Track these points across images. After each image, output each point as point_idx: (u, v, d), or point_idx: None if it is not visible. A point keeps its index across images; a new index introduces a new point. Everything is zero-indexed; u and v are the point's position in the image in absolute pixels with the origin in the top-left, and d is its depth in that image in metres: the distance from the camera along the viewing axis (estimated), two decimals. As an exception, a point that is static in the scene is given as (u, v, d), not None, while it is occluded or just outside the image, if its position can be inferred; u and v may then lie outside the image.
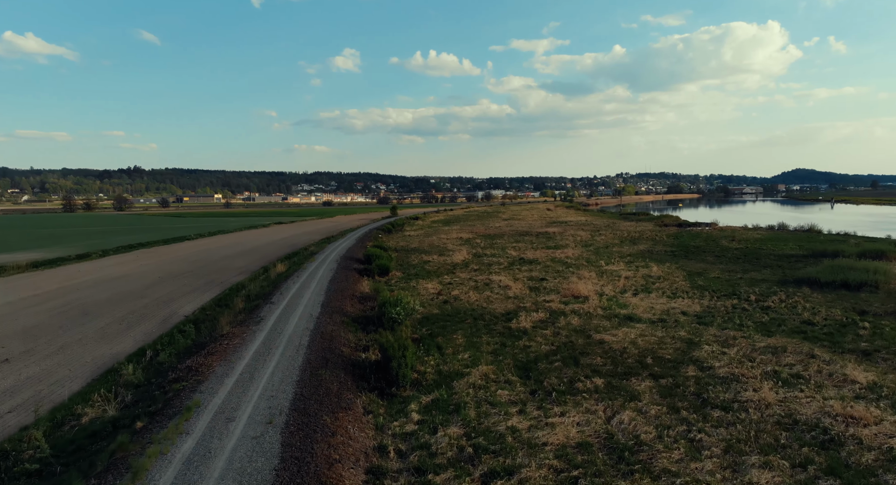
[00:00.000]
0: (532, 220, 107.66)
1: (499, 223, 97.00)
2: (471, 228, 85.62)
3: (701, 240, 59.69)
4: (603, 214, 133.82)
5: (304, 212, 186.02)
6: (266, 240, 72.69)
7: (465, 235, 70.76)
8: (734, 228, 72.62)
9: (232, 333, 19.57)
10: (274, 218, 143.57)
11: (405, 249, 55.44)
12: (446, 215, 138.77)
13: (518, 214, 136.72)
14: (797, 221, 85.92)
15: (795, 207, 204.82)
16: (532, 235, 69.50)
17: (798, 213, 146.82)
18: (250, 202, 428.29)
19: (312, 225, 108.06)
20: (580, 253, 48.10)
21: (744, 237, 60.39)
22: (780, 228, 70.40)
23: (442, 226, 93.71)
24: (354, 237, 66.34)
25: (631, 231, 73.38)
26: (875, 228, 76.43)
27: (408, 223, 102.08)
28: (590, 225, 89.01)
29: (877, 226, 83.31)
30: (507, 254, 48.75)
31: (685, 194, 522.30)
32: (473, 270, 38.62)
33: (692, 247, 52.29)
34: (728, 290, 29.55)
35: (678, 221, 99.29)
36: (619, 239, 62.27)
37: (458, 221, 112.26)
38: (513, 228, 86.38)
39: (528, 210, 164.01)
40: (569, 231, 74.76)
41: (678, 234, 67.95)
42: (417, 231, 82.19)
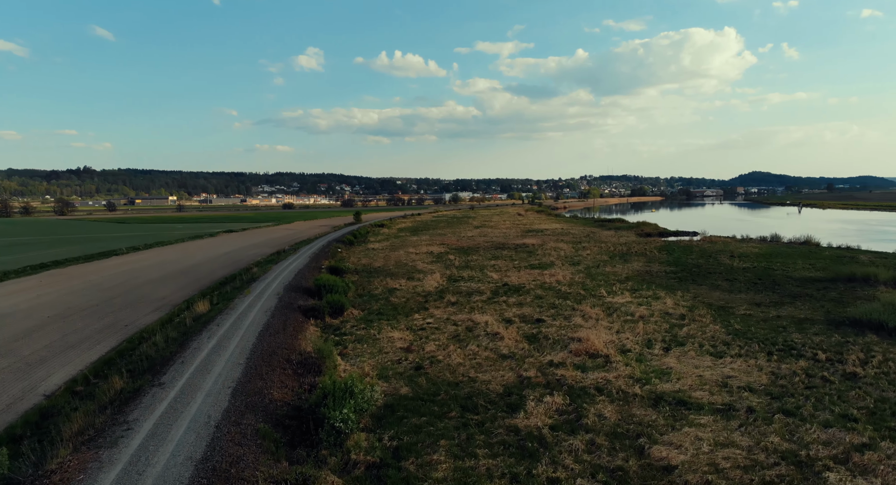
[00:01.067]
0: (505, 228, 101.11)
1: (471, 232, 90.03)
2: (441, 239, 78.33)
3: (696, 255, 54.00)
4: (576, 220, 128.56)
5: (261, 217, 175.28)
6: (207, 255, 63.67)
7: (436, 249, 63.39)
8: (724, 240, 67.54)
9: (68, 466, 11.72)
10: (226, 224, 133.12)
11: (367, 269, 47.66)
12: (414, 222, 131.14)
13: (489, 219, 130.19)
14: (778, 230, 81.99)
15: (763, 211, 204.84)
16: (510, 249, 62.67)
17: (768, 219, 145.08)
18: (206, 205, 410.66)
19: (266, 234, 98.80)
20: (571, 276, 41.36)
21: (742, 252, 55.00)
22: (773, 239, 65.59)
23: (409, 235, 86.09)
24: (309, 253, 58.14)
25: (615, 243, 67.45)
26: (867, 238, 72.69)
27: (372, 232, 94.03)
28: (568, 235, 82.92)
29: (864, 234, 79.99)
30: (487, 277, 41.60)
31: (649, 197, 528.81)
32: (451, 304, 31.29)
33: (692, 266, 46.28)
34: (778, 339, 23.09)
35: (658, 229, 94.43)
36: (607, 254, 56.04)
37: (427, 228, 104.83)
38: (487, 237, 79.49)
39: (499, 215, 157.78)
40: (548, 243, 68.31)
41: (667, 247, 62.30)
42: (382, 242, 74.39)
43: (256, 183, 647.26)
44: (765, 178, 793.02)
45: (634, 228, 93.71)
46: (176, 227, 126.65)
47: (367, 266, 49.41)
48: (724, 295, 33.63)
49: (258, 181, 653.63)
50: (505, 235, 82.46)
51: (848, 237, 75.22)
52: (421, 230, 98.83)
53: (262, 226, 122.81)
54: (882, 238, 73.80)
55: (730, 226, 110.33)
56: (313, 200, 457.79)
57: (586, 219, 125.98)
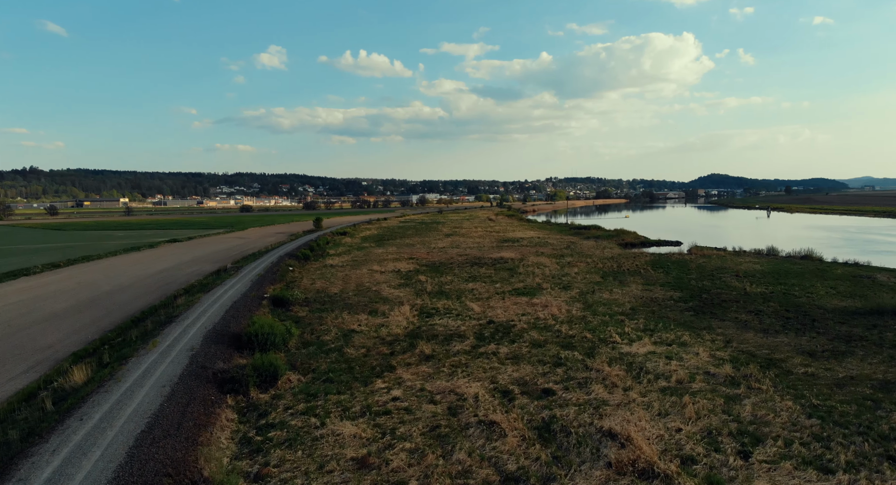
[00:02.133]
0: (478, 236, 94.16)
1: (442, 242, 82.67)
2: (410, 251, 70.72)
3: (696, 274, 48.14)
4: (550, 226, 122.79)
5: (214, 222, 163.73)
6: (135, 275, 54.42)
7: (405, 266, 55.81)
8: (718, 254, 62.14)
9: None
10: (174, 231, 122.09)
11: (321, 297, 39.71)
12: (379, 228, 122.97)
13: (460, 226, 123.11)
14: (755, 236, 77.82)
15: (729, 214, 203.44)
16: (487, 265, 55.62)
17: (740, 223, 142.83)
18: (160, 207, 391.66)
19: (214, 244, 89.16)
20: (567, 307, 34.49)
21: (745, 270, 49.41)
22: (770, 253, 60.53)
23: (374, 247, 78.14)
24: (254, 274, 49.71)
25: (601, 257, 61.27)
26: (861, 249, 68.69)
27: (333, 242, 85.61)
28: (546, 245, 76.53)
29: (854, 244, 76.27)
30: (466, 309, 34.33)
31: (613, 199, 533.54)
32: (424, 359, 23.87)
33: (700, 290, 40.14)
34: (882, 426, 16.61)
35: (639, 238, 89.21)
36: (598, 272, 49.61)
37: (394, 236, 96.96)
38: (460, 249, 72.30)
39: (469, 220, 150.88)
40: (529, 256, 61.60)
41: (659, 262, 56.44)
42: (343, 256, 66.29)
43: (215, 184, 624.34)
44: (723, 180, 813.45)
45: (614, 236, 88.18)
46: (116, 235, 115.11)
47: (322, 293, 41.43)
48: (760, 338, 27.25)
49: (217, 182, 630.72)
50: (479, 246, 75.42)
51: (841, 249, 71.22)
52: (387, 239, 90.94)
53: (212, 233, 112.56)
54: (877, 249, 69.97)
55: (709, 234, 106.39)
56: (274, 201, 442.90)
57: (561, 225, 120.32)
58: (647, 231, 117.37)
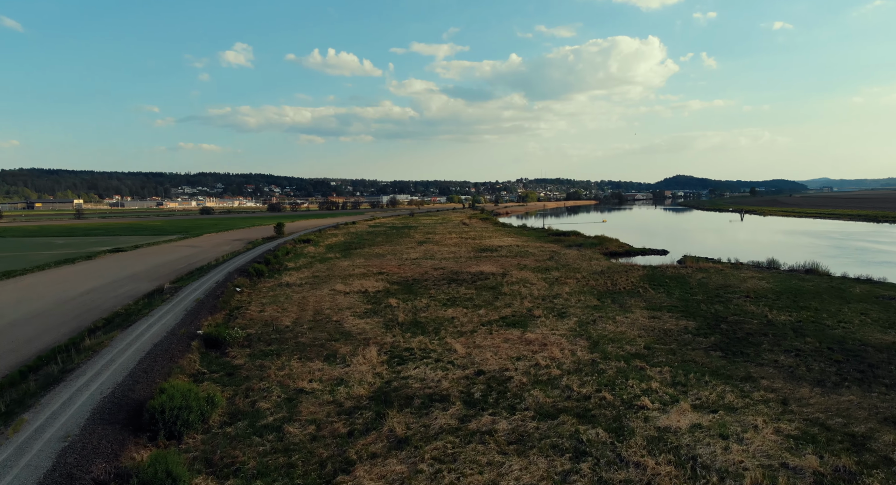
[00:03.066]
0: (453, 243, 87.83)
1: (414, 252, 76.01)
2: (379, 263, 63.91)
3: (699, 292, 42.94)
4: (527, 232, 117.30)
5: (169, 227, 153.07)
6: (56, 297, 46.22)
7: (373, 284, 49.03)
8: (715, 267, 57.23)
9: None
10: (122, 238, 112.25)
11: (268, 334, 32.65)
12: (347, 234, 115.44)
13: (433, 231, 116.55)
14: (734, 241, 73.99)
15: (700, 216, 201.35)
16: (467, 282, 49.33)
17: (715, 226, 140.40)
18: (116, 209, 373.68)
19: (161, 254, 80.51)
20: (570, 346, 28.40)
21: (752, 289, 44.40)
22: (770, 266, 55.94)
23: (339, 258, 70.96)
24: (193, 297, 42.24)
25: (589, 271, 55.74)
26: (858, 259, 65.04)
27: (293, 253, 78.02)
28: (528, 255, 70.73)
29: (847, 253, 72.70)
30: (447, 350, 27.88)
31: (583, 201, 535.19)
32: (394, 447, 17.32)
33: (714, 317, 34.67)
34: None
35: (623, 246, 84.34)
36: (591, 291, 43.87)
37: (362, 244, 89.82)
38: (435, 260, 65.82)
39: (443, 224, 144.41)
40: (511, 270, 55.59)
41: (654, 277, 51.24)
42: (303, 271, 59.04)
43: (177, 184, 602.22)
44: (688, 181, 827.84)
45: (597, 245, 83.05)
46: (56, 243, 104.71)
47: (271, 325, 34.34)
48: (819, 395, 21.59)
49: (179, 182, 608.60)
50: (455, 257, 69.07)
51: (837, 259, 67.49)
52: (354, 248, 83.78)
53: (163, 241, 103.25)
54: (876, 260, 66.44)
55: (691, 240, 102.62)
56: (238, 202, 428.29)
57: (538, 231, 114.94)
58: (628, 236, 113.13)
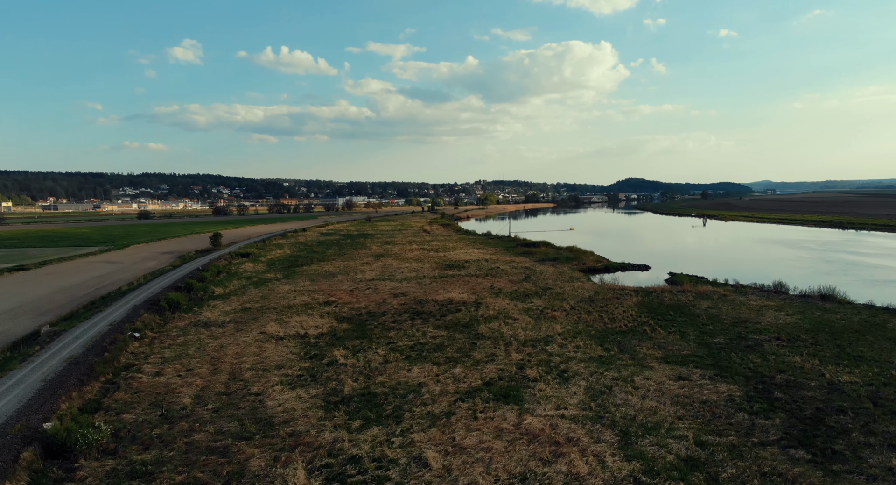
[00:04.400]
0: (414, 258, 78.39)
1: (371, 271, 66.13)
2: (328, 287, 53.98)
3: (720, 333, 35.29)
4: (494, 241, 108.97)
5: (95, 234, 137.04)
6: None
7: (315, 323, 39.21)
8: (717, 291, 50.09)
9: None
10: (34, 249, 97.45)
11: (149, 428, 22.41)
12: (294, 244, 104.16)
13: (392, 240, 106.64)
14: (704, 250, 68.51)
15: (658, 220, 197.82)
16: (434, 317, 40.19)
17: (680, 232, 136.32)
18: (47, 212, 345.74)
19: (68, 274, 67.64)
20: (588, 437, 19.76)
21: (775, 325, 37.16)
22: (777, 290, 49.19)
23: (281, 280, 60.45)
24: (68, 352, 31.40)
25: (575, 297, 47.71)
26: (855, 275, 59.60)
27: (226, 272, 66.84)
28: (500, 273, 62.20)
29: (834, 265, 67.48)
30: (415, 461, 18.65)
31: (541, 204, 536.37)
32: None
33: (760, 380, 26.81)
34: None
35: (601, 260, 77.05)
36: (591, 334, 35.57)
37: (310, 259, 79.22)
38: (394, 282, 56.33)
39: (402, 232, 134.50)
40: (485, 296, 46.84)
41: (654, 307, 43.66)
42: (231, 302, 48.49)
43: (118, 185, 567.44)
44: (640, 184, 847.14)
45: (573, 259, 75.36)
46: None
47: (162, 404, 24.14)
48: None
49: (120, 183, 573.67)
50: (419, 277, 59.75)
51: (833, 276, 61.96)
52: (301, 264, 73.22)
53: (80, 255, 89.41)
54: (874, 277, 61.09)
55: (666, 250, 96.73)
56: (183, 205, 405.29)
57: (505, 240, 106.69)
58: (598, 244, 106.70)
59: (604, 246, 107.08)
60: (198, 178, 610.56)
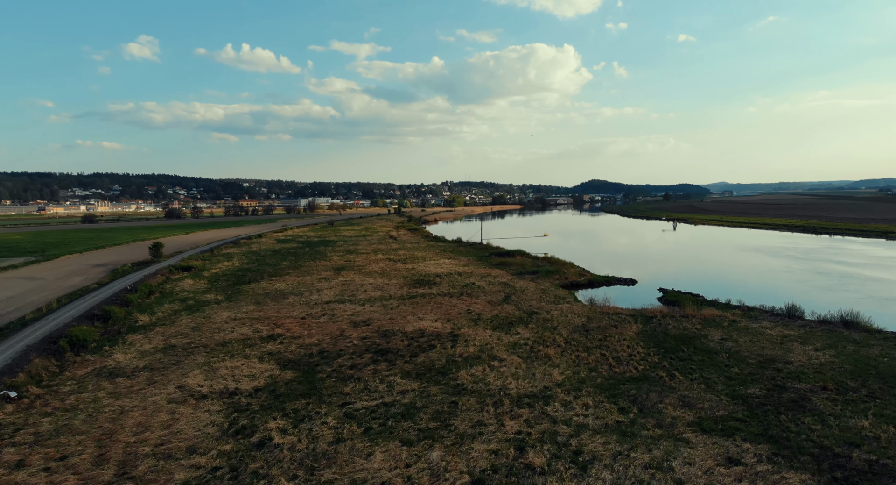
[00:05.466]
0: (379, 271, 70.60)
1: (328, 290, 58.05)
2: (275, 313, 45.86)
3: (749, 378, 29.10)
4: (465, 248, 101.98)
5: (26, 242, 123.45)
6: None
7: (251, 370, 31.30)
8: (726, 316, 44.23)
9: None
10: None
11: None
12: (247, 253, 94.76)
13: (355, 249, 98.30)
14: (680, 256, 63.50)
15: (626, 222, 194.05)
16: (403, 359, 32.80)
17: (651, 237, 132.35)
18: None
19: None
20: None
21: (807, 364, 31.31)
22: (791, 314, 43.60)
23: (221, 304, 51.91)
24: None
25: (567, 326, 41.10)
26: (859, 291, 55.01)
27: (159, 292, 57.69)
28: (477, 292, 55.22)
29: (829, 277, 62.92)
30: None
31: (509, 205, 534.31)
32: None
33: (834, 461, 20.51)
34: None
35: (584, 274, 70.96)
36: (599, 384, 28.81)
37: (261, 273, 70.51)
38: (355, 306, 48.58)
39: (367, 238, 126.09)
40: (462, 325, 39.71)
41: (659, 339, 37.39)
42: (151, 340, 39.88)
43: (67, 185, 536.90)
44: (603, 185, 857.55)
45: (554, 273, 68.94)
46: None
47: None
48: None
49: (70, 184, 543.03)
50: (384, 297, 52.14)
51: (834, 293, 57.33)
52: (249, 281, 64.56)
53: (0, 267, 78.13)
54: (878, 294, 56.58)
55: (646, 259, 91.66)
56: (135, 207, 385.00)
57: (478, 249, 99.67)
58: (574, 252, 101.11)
59: (580, 254, 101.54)
60: (153, 178, 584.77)
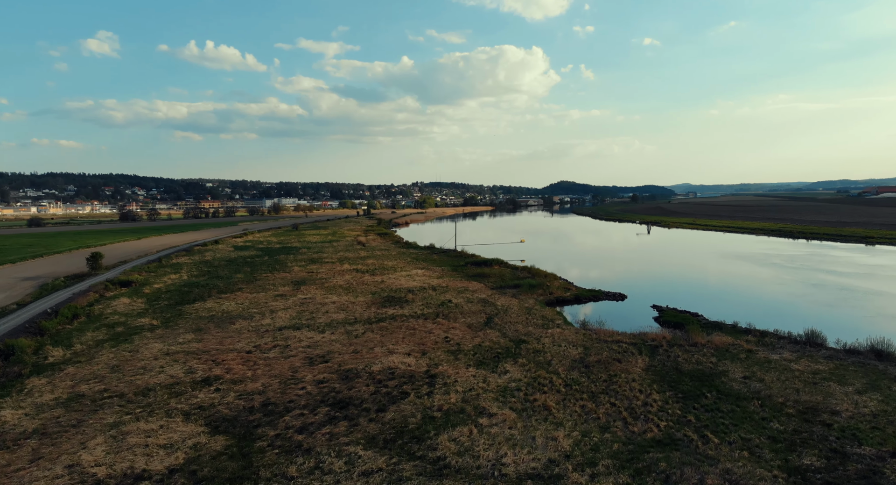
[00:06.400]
0: (344, 285, 63.58)
1: (284, 310, 50.77)
2: (217, 344, 38.54)
3: (807, 447, 23.81)
4: (438, 256, 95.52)
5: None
6: None
7: (172, 437, 24.23)
8: (742, 345, 38.97)
9: None
10: None
11: None
12: (199, 263, 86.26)
13: (319, 259, 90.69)
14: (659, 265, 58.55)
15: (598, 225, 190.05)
16: (367, 411, 26.18)
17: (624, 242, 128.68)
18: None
19: None
20: None
21: (856, 416, 26.05)
22: (810, 341, 38.66)
23: (156, 331, 44.19)
24: None
25: (563, 359, 35.25)
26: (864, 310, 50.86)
27: (86, 314, 49.43)
28: (455, 312, 48.95)
29: (827, 291, 58.67)
30: None
31: (480, 207, 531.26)
32: None
33: None
34: None
35: (568, 287, 65.51)
36: (614, 448, 22.87)
37: (209, 288, 62.67)
38: (313, 332, 41.63)
39: (332, 245, 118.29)
40: (440, 359, 33.37)
41: (672, 377, 31.87)
42: (58, 387, 32.23)
43: (19, 186, 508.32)
44: (572, 187, 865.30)
45: (536, 286, 63.13)
46: None
47: None
48: None
49: (21, 184, 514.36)
50: (348, 325, 45.30)
51: (840, 311, 53.18)
52: (194, 299, 56.78)
53: None
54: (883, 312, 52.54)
55: (628, 268, 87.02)
56: (90, 208, 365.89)
57: (453, 257, 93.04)
58: (551, 258, 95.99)
59: (559, 261, 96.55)
60: (110, 178, 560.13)
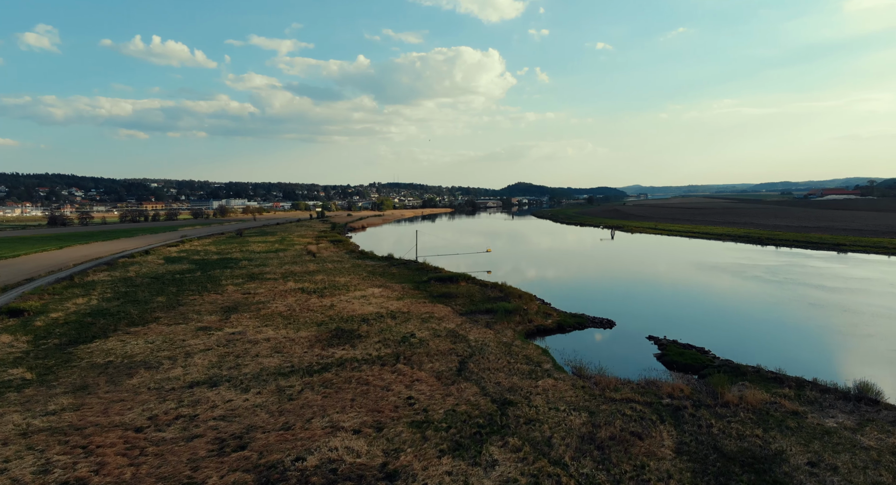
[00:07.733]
0: (285, 311, 53.39)
1: (202, 351, 40.37)
2: (102, 410, 28.15)
3: None
4: (399, 271, 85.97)
5: None
6: None
7: None
8: (780, 406, 31.58)
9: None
10: None
11: None
12: (117, 282, 73.86)
13: (261, 272, 79.60)
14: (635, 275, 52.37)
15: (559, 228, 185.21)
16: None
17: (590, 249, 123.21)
18: None
19: None
20: None
21: None
22: (861, 396, 31.62)
23: (28, 388, 33.05)
24: None
25: (561, 431, 26.90)
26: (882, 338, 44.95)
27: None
28: (419, 352, 39.91)
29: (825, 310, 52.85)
30: None
31: (439, 208, 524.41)
32: None
33: None
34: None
35: (549, 313, 57.58)
36: None
37: (118, 319, 51.35)
38: (233, 391, 31.77)
39: (279, 254, 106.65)
40: (398, 436, 24.23)
41: (715, 465, 24.04)
42: None
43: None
44: (529, 188, 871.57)
45: (513, 312, 54.74)
46: None
47: None
48: None
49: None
50: (280, 377, 35.41)
51: (855, 339, 47.05)
52: (91, 341, 45.57)
53: None
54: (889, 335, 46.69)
55: (606, 284, 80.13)
56: (19, 211, 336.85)
57: (414, 271, 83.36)
58: (518, 270, 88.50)
59: (529, 273, 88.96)
60: (46, 178, 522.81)
